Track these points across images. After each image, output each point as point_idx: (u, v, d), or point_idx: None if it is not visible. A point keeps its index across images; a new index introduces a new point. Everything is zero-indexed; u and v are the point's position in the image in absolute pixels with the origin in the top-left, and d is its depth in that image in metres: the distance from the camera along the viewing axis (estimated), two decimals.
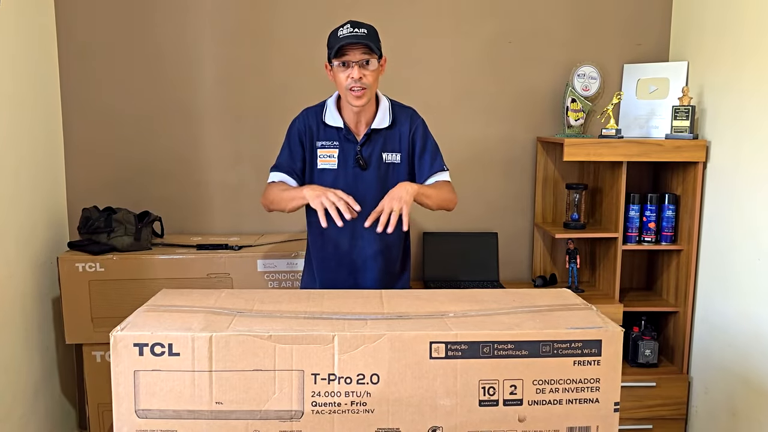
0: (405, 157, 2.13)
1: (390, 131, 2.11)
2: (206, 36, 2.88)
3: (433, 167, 2.14)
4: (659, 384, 2.83)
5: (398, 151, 2.12)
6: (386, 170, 2.12)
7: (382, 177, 2.11)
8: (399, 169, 2.13)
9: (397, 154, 2.12)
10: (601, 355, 1.49)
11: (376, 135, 2.10)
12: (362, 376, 1.46)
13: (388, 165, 2.12)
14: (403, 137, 2.12)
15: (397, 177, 2.11)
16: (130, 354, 1.46)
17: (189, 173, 2.95)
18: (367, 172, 2.10)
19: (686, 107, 2.73)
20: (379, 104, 2.11)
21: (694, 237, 2.77)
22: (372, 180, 2.10)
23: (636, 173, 3.01)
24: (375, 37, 2.02)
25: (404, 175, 2.13)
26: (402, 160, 2.12)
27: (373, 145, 2.10)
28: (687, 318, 2.83)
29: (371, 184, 2.10)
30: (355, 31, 1.99)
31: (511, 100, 3.02)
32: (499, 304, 1.71)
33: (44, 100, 2.73)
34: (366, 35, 1.99)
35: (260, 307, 1.66)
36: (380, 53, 2.03)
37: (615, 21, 3.01)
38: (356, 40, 1.97)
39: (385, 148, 2.11)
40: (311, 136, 2.12)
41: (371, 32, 2.02)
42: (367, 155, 2.10)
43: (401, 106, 2.16)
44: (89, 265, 2.50)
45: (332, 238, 2.14)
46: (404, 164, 2.13)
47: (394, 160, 2.12)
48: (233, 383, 1.47)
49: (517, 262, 3.13)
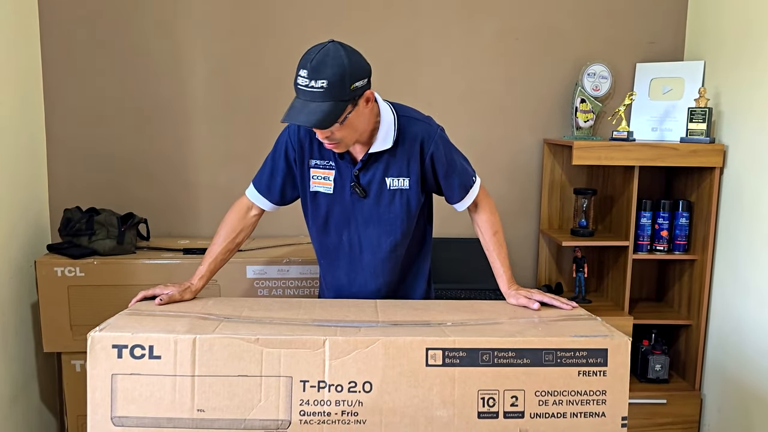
0: (415, 182, 1.78)
1: (395, 152, 1.75)
2: (195, 30, 2.80)
3: (464, 186, 1.84)
4: (670, 401, 2.73)
5: (406, 175, 1.77)
6: (391, 198, 1.78)
7: (385, 205, 1.79)
8: (407, 196, 1.79)
9: (405, 179, 1.77)
10: (608, 366, 1.43)
11: (376, 158, 1.76)
12: (354, 384, 1.40)
13: (394, 192, 1.78)
14: (413, 159, 1.76)
15: (405, 205, 1.80)
16: (108, 356, 1.38)
17: (177, 173, 2.87)
18: (367, 200, 1.79)
19: (702, 109, 2.63)
20: (381, 121, 1.73)
21: (708, 246, 2.66)
22: (371, 209, 1.79)
23: (648, 178, 2.92)
24: (338, 90, 1.55)
25: (414, 202, 1.80)
26: (411, 186, 1.78)
27: (374, 169, 1.76)
28: (700, 331, 2.73)
29: (371, 214, 1.80)
30: (312, 84, 1.55)
31: (517, 99, 2.94)
32: (500, 314, 1.66)
33: (26, 97, 2.63)
34: (323, 92, 1.54)
35: (249, 314, 1.61)
36: (351, 99, 1.59)
37: (627, 18, 2.92)
38: (303, 118, 1.56)
39: (388, 173, 1.77)
40: (302, 153, 1.80)
41: (333, 84, 1.54)
42: (366, 182, 1.77)
43: (411, 120, 1.77)
44: (68, 269, 2.38)
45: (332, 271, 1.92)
46: (414, 190, 1.79)
47: (400, 186, 1.78)
48: (217, 389, 1.39)
49: (522, 270, 3.03)
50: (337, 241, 1.85)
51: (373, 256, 1.83)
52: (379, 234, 1.81)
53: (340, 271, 1.88)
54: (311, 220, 1.86)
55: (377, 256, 1.83)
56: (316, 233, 1.87)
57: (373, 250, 1.83)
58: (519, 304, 1.73)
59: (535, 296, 1.73)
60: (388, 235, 1.82)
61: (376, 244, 1.83)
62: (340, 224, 1.83)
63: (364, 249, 1.83)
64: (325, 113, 1.55)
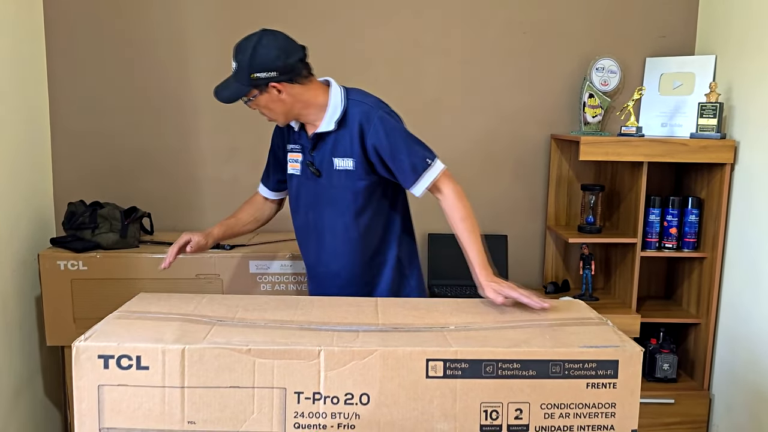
0: (359, 163, 1.84)
1: (340, 133, 1.84)
2: (200, 22, 2.77)
3: (416, 169, 1.82)
4: (678, 400, 2.69)
5: (350, 156, 1.84)
6: (338, 178, 1.86)
7: (335, 186, 1.87)
8: (352, 177, 1.85)
9: (349, 160, 1.84)
10: (618, 378, 1.37)
11: (323, 139, 1.86)
12: (351, 396, 1.34)
13: (340, 172, 1.86)
14: (354, 140, 1.83)
15: (351, 185, 1.86)
16: (94, 367, 1.34)
17: (182, 167, 2.84)
18: (321, 180, 1.88)
19: (713, 104, 2.57)
20: (329, 105, 1.84)
21: (719, 244, 2.61)
22: (326, 189, 1.88)
23: (657, 175, 2.86)
24: (242, 75, 1.76)
25: (360, 183, 1.86)
26: (356, 167, 1.84)
27: (323, 150, 1.86)
28: (709, 330, 2.68)
29: (326, 195, 1.89)
30: (232, 64, 1.80)
31: (524, 94, 2.88)
32: (505, 317, 1.59)
33: (30, 89, 2.62)
34: (234, 73, 1.79)
35: (243, 315, 1.54)
36: (255, 86, 1.77)
37: (637, 11, 2.85)
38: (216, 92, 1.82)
39: (335, 153, 1.85)
40: (283, 139, 1.99)
41: (240, 68, 1.77)
42: (318, 162, 1.87)
43: (356, 103, 1.85)
44: (71, 263, 2.38)
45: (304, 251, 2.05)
46: (358, 171, 1.85)
47: (345, 166, 1.85)
48: (207, 401, 1.35)
49: (528, 267, 2.98)
50: (305, 221, 1.96)
51: (333, 236, 1.91)
52: (334, 214, 1.90)
53: (310, 249, 1.99)
54: (290, 202, 2.01)
55: (336, 237, 1.91)
56: (291, 214, 2.00)
57: (332, 230, 1.91)
58: (486, 296, 1.68)
59: (504, 290, 1.65)
60: (340, 215, 1.89)
61: (332, 225, 1.91)
62: (306, 205, 1.94)
63: (326, 229, 1.92)
64: (229, 91, 1.80)
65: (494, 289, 1.67)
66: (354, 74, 2.80)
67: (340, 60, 2.77)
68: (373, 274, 1.96)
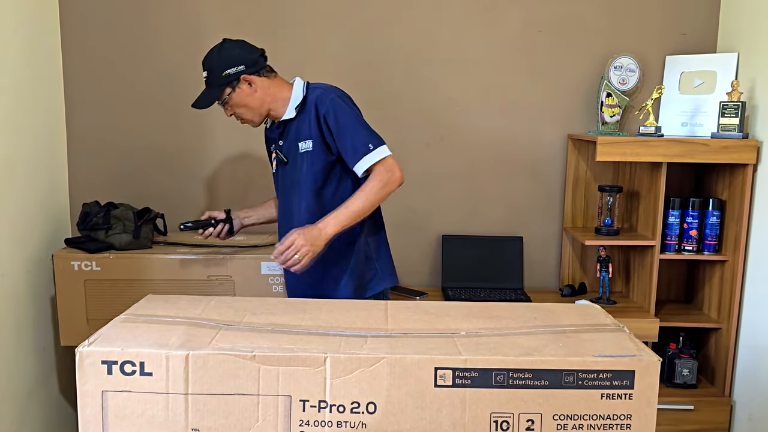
0: (318, 144, 1.98)
1: (300, 118, 2.01)
2: (213, 22, 2.76)
3: (355, 150, 1.93)
4: (698, 407, 2.63)
5: (309, 137, 1.99)
6: (301, 160, 2.01)
7: (298, 168, 2.02)
8: (312, 156, 1.99)
9: (309, 141, 1.99)
10: (634, 388, 1.31)
11: (288, 126, 2.03)
12: (357, 405, 1.31)
13: (303, 155, 2.00)
14: (312, 121, 1.98)
15: (311, 165, 1.99)
16: (97, 372, 1.32)
17: (197, 167, 2.85)
18: (287, 166, 2.05)
19: (735, 103, 2.50)
20: (291, 96, 2.03)
21: (740, 246, 2.54)
22: (291, 174, 2.04)
23: (677, 175, 2.79)
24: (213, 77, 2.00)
25: (318, 162, 1.98)
26: (315, 147, 1.98)
27: (289, 137, 2.03)
28: (731, 335, 2.61)
29: (292, 179, 2.04)
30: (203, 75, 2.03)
31: (540, 94, 2.83)
32: (518, 322, 1.54)
33: (46, 90, 2.63)
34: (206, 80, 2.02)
35: (250, 319, 1.52)
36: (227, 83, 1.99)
37: (657, 8, 2.79)
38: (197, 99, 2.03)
39: (299, 137, 2.01)
40: (269, 139, 2.15)
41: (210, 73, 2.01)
42: (285, 150, 2.05)
43: (313, 89, 2.02)
44: (85, 263, 2.39)
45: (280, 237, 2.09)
46: (317, 150, 1.98)
47: (307, 148, 2.00)
48: (212, 408, 1.32)
49: (544, 269, 2.93)
50: (281, 211, 2.10)
51: (299, 219, 2.00)
52: (298, 197, 2.01)
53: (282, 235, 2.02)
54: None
55: (301, 219, 1.99)
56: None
57: (298, 213, 2.02)
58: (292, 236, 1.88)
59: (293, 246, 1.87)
60: (303, 197, 2.00)
61: (298, 207, 2.02)
62: (281, 195, 2.10)
63: (294, 213, 2.03)
64: (205, 96, 2.01)
65: (292, 232, 1.89)
66: (368, 74, 2.78)
67: (353, 59, 2.75)
68: (337, 256, 2.02)
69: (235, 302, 1.66)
